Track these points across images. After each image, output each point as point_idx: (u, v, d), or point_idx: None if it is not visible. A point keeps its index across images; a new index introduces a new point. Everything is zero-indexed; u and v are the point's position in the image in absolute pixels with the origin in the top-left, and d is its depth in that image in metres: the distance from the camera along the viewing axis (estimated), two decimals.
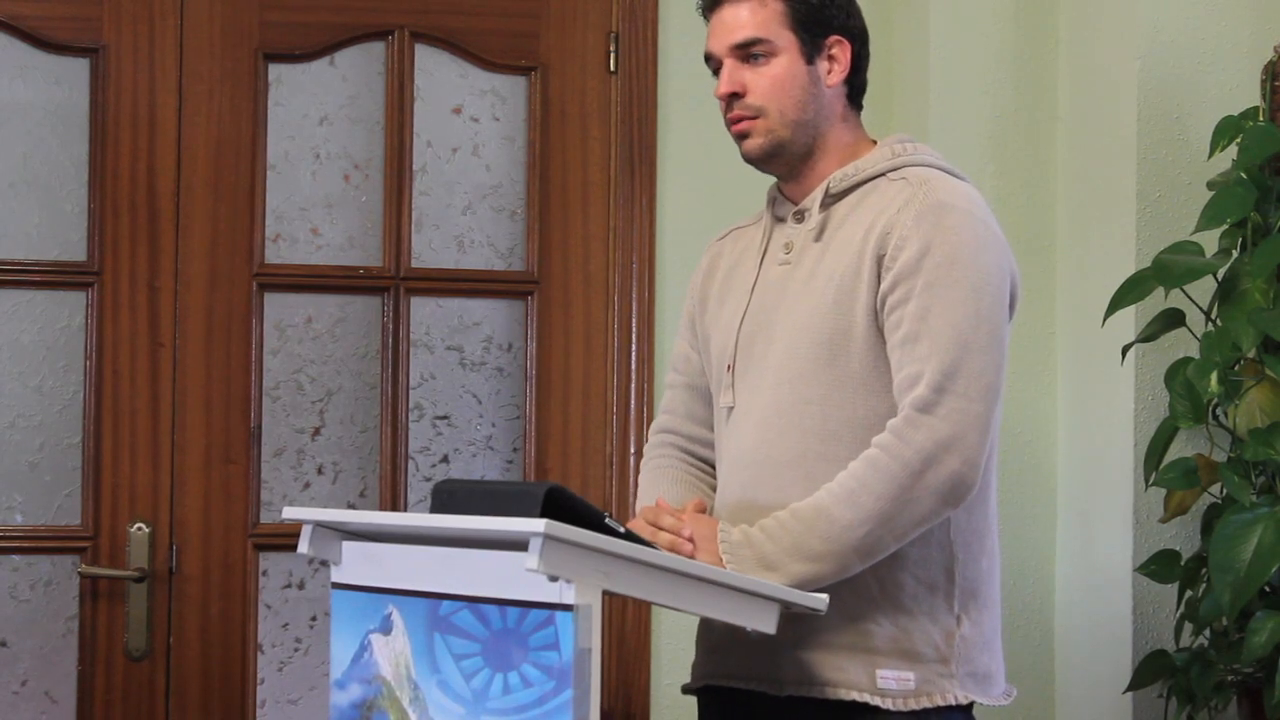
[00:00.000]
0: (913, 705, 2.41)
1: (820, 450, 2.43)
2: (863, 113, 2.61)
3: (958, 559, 2.46)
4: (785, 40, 2.51)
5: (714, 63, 2.55)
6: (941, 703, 2.42)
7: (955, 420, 2.33)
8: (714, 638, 2.56)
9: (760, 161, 2.54)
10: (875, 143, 2.59)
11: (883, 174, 2.52)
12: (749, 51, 2.51)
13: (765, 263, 2.58)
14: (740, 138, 2.53)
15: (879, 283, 2.42)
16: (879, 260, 2.43)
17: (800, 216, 2.55)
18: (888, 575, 2.42)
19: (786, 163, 2.54)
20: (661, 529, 2.42)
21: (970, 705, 2.46)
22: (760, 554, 2.35)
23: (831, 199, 2.53)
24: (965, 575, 2.47)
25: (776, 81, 2.50)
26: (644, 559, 2.13)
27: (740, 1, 2.51)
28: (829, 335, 2.44)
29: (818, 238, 2.52)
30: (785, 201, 2.59)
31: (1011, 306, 2.47)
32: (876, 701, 2.41)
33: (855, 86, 2.57)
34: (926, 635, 2.43)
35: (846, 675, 2.41)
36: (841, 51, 2.54)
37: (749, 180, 2.64)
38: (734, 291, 2.61)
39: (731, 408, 2.55)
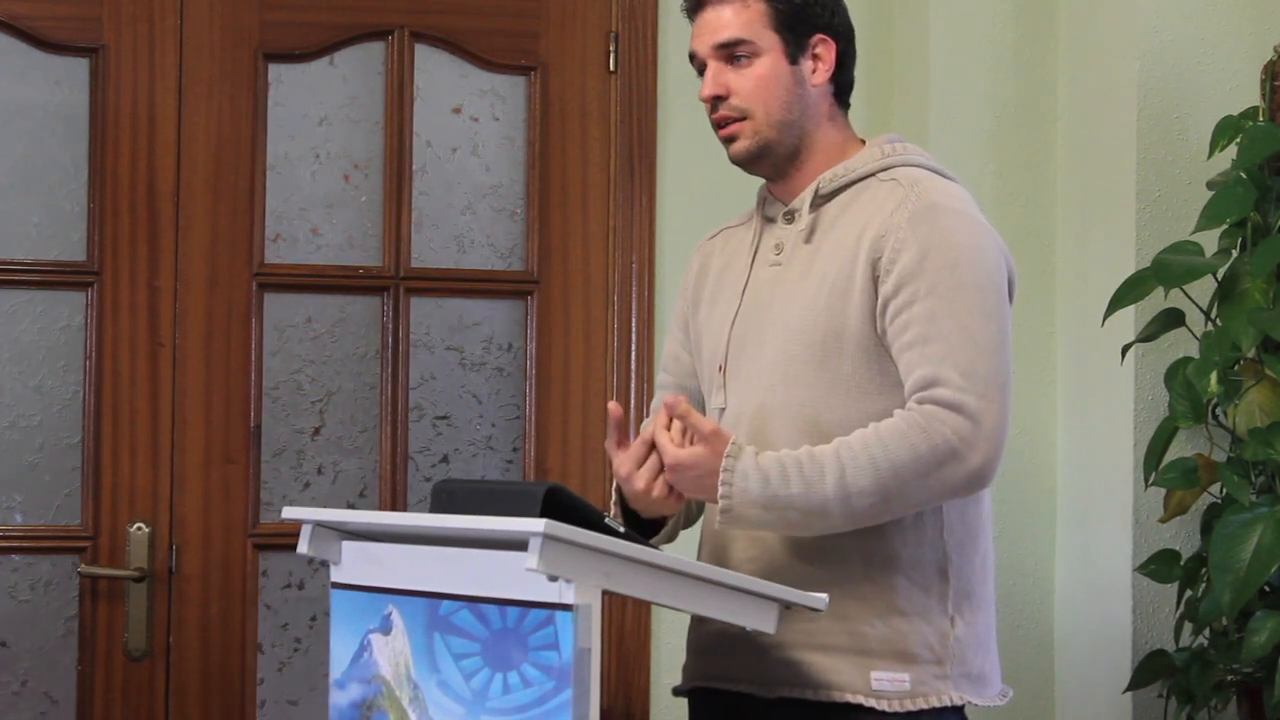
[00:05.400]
0: (908, 706, 2.41)
1: None
2: (864, 113, 2.62)
3: (951, 560, 2.46)
4: (768, 41, 2.50)
5: (697, 63, 2.55)
6: (936, 704, 2.42)
7: (980, 418, 2.33)
8: (703, 639, 2.56)
9: (747, 163, 2.54)
10: (864, 142, 2.58)
11: (872, 174, 2.52)
12: (732, 52, 2.50)
13: (756, 264, 2.57)
14: (727, 140, 2.53)
15: (874, 286, 2.42)
16: (874, 264, 2.43)
17: (790, 217, 2.55)
18: (881, 576, 2.42)
19: (773, 164, 2.54)
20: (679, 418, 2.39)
21: (962, 706, 2.46)
22: (757, 499, 2.34)
23: (821, 199, 2.53)
24: (959, 575, 2.46)
25: (761, 82, 2.50)
26: (644, 559, 2.14)
27: (723, 2, 2.51)
28: (821, 337, 2.45)
29: (808, 239, 2.52)
30: (775, 202, 2.59)
31: (1010, 293, 2.48)
32: (871, 703, 2.40)
33: (841, 85, 2.57)
34: (921, 636, 2.43)
35: (840, 677, 2.41)
36: (826, 50, 2.53)
37: (748, 180, 2.64)
38: (725, 292, 2.61)
39: (723, 409, 2.55)
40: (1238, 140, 3.12)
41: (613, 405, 2.46)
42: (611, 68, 3.64)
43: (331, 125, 3.60)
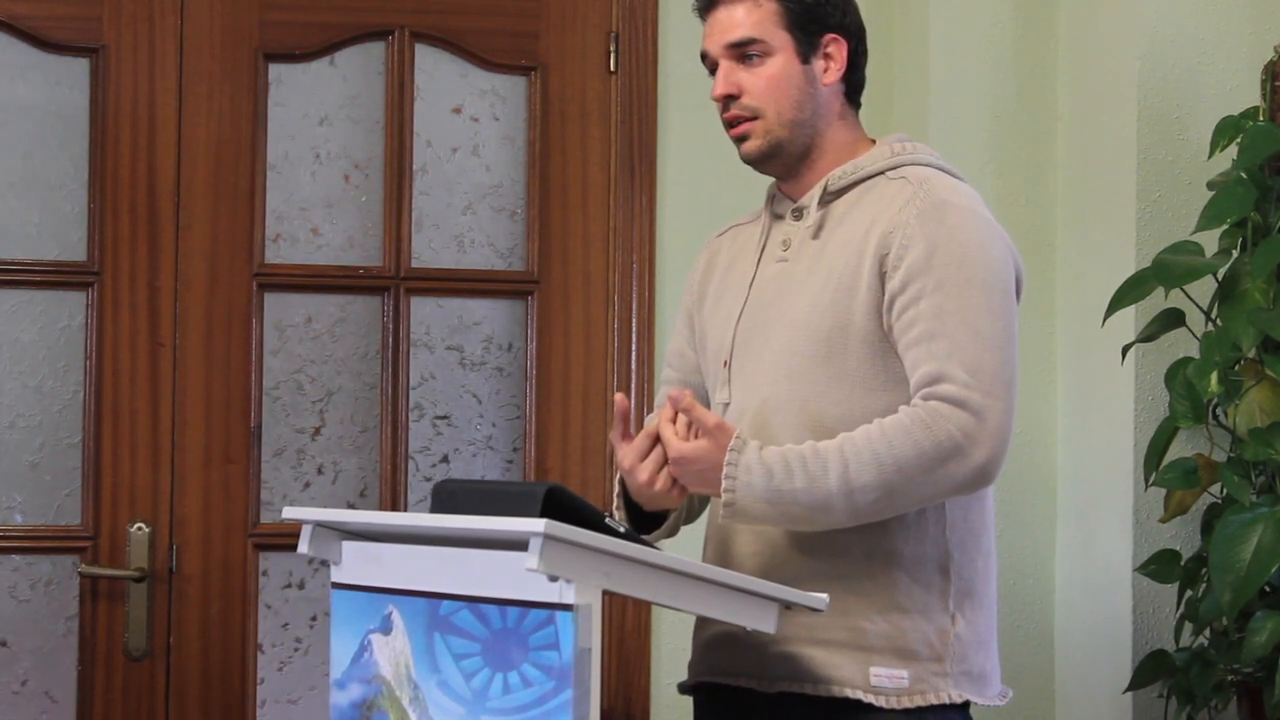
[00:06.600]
0: (906, 704, 2.41)
1: None
2: (863, 112, 2.61)
3: (953, 558, 2.46)
4: (780, 40, 2.51)
5: (709, 62, 2.56)
6: (935, 701, 2.42)
7: (984, 415, 2.33)
8: (707, 635, 2.56)
9: (758, 162, 2.55)
10: (874, 141, 2.59)
11: (882, 172, 2.52)
12: (744, 51, 2.51)
13: (763, 260, 2.58)
14: (738, 140, 2.54)
15: (881, 282, 2.43)
16: (881, 260, 2.43)
17: (798, 214, 2.56)
18: (882, 573, 2.43)
19: (784, 163, 2.54)
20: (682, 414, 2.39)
21: (966, 704, 2.46)
22: (761, 493, 2.35)
23: (830, 196, 2.53)
24: (961, 574, 2.47)
25: (772, 82, 2.51)
26: (644, 559, 2.14)
27: (735, 2, 2.51)
28: (826, 332, 2.45)
29: (816, 235, 2.52)
30: (784, 199, 2.60)
31: (1018, 292, 2.48)
32: (870, 699, 2.41)
33: (853, 84, 2.57)
34: (921, 633, 2.43)
35: (840, 672, 2.41)
36: (838, 50, 2.54)
37: (749, 180, 2.64)
38: (731, 288, 2.61)
39: (728, 404, 2.55)
40: (1238, 140, 3.12)
41: (619, 396, 2.46)
42: (611, 68, 3.64)
43: (331, 125, 3.60)
